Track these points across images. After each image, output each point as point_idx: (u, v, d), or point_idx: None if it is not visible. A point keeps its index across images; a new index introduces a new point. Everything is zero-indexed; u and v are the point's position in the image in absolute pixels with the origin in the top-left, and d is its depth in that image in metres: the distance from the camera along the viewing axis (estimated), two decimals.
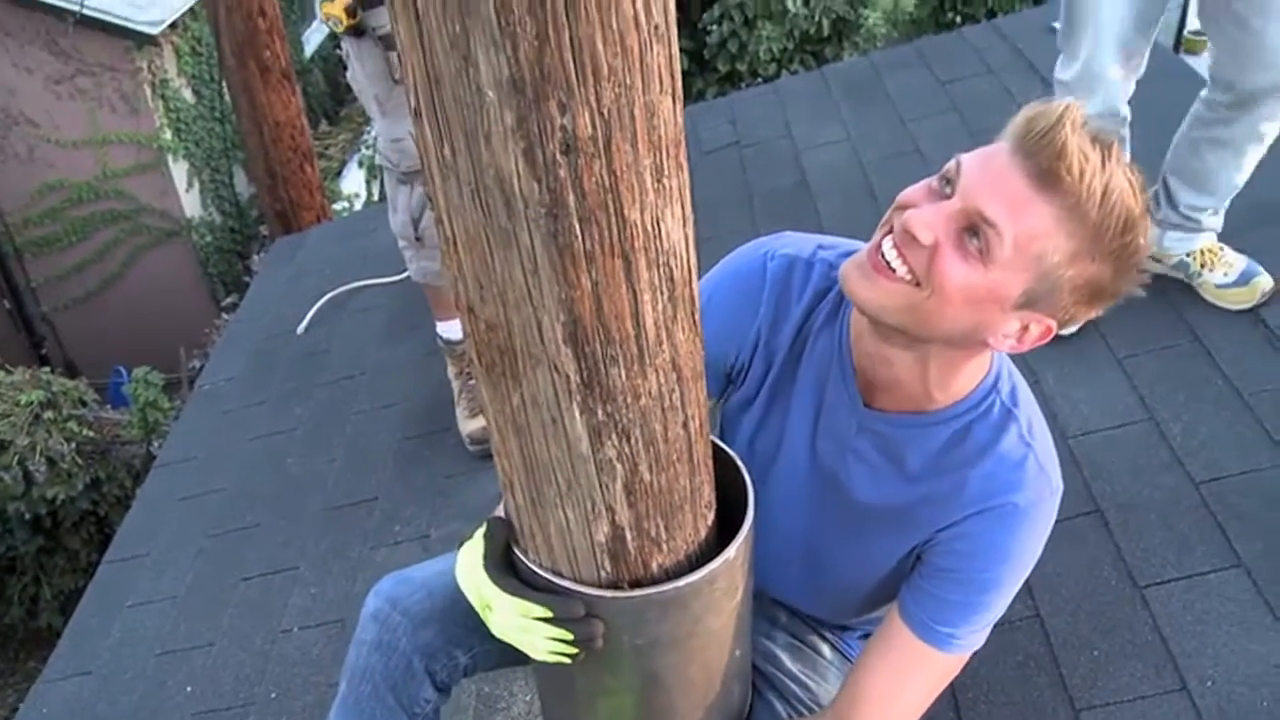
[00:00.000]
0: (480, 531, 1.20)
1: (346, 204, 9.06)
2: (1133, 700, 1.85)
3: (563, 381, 0.92)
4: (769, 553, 1.57)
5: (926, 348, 1.22)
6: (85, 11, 8.19)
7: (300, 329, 3.66)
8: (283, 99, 5.39)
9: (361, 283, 3.77)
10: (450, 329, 2.86)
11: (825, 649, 1.64)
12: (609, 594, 1.07)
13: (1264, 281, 2.53)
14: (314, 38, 12.56)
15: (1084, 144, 1.07)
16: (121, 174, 9.26)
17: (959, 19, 11.18)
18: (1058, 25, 3.98)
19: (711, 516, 1.14)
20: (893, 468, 1.34)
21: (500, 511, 1.17)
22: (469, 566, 1.21)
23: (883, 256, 1.17)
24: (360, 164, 10.15)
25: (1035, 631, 1.98)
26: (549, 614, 1.10)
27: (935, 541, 1.33)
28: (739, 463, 1.19)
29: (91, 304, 9.76)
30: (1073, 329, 2.44)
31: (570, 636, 1.10)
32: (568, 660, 1.12)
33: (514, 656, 1.37)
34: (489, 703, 2.18)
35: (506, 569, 1.16)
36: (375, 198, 8.53)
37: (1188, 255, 2.62)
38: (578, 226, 0.82)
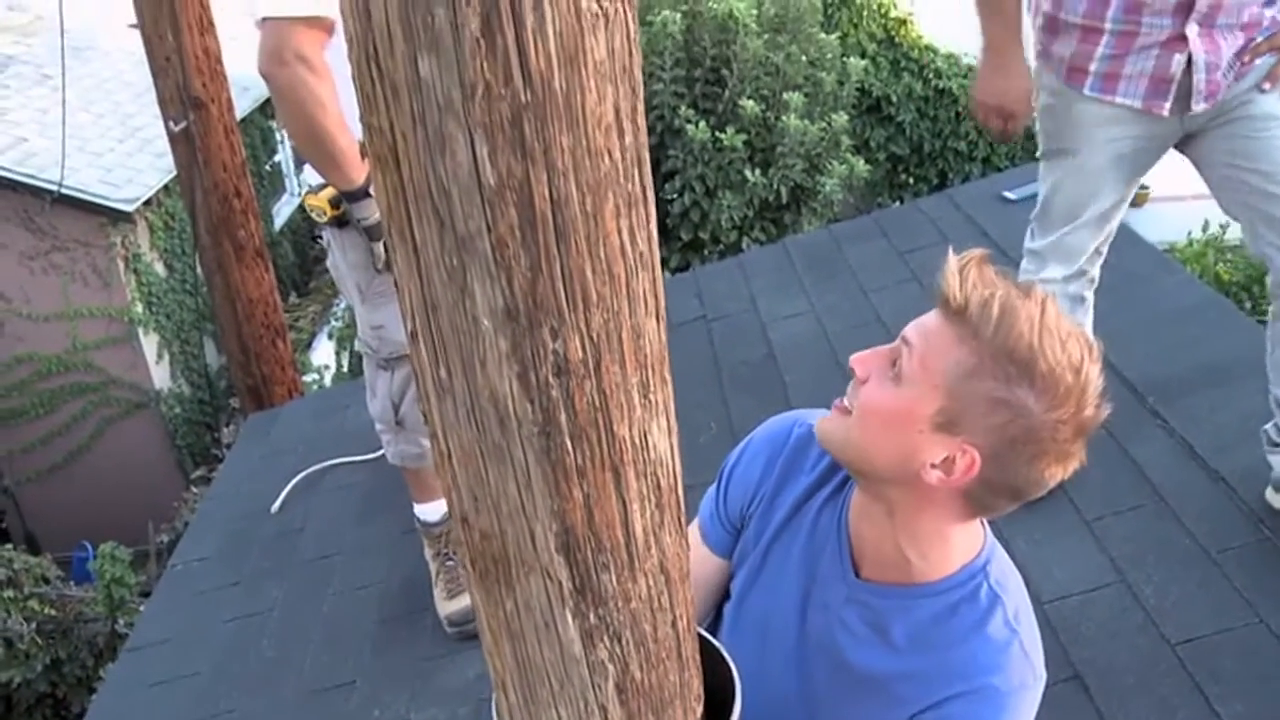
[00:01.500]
0: None
1: (317, 375, 9.09)
2: None
3: (555, 588, 0.94)
4: (761, 715, 1.57)
5: (888, 496, 1.28)
6: (64, 190, 8.33)
7: (274, 507, 3.64)
8: (256, 276, 5.48)
9: (336, 460, 3.78)
10: (428, 511, 2.85)
11: None
12: None
13: None
14: (284, 210, 12.79)
15: (981, 274, 1.17)
16: (92, 346, 9.28)
17: (912, 180, 11.58)
18: (1010, 195, 4.17)
19: (700, 708, 1.15)
20: (878, 638, 1.36)
21: (493, 707, 1.18)
22: None
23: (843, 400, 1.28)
24: (330, 335, 10.23)
25: None
26: None
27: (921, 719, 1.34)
28: (725, 655, 1.20)
29: (56, 477, 9.65)
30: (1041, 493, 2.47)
31: None
32: None
33: None
34: None
35: None
36: (346, 370, 8.58)
37: None
38: (569, 443, 0.86)
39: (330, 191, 2.45)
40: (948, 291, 1.17)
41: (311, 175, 2.56)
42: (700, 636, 1.17)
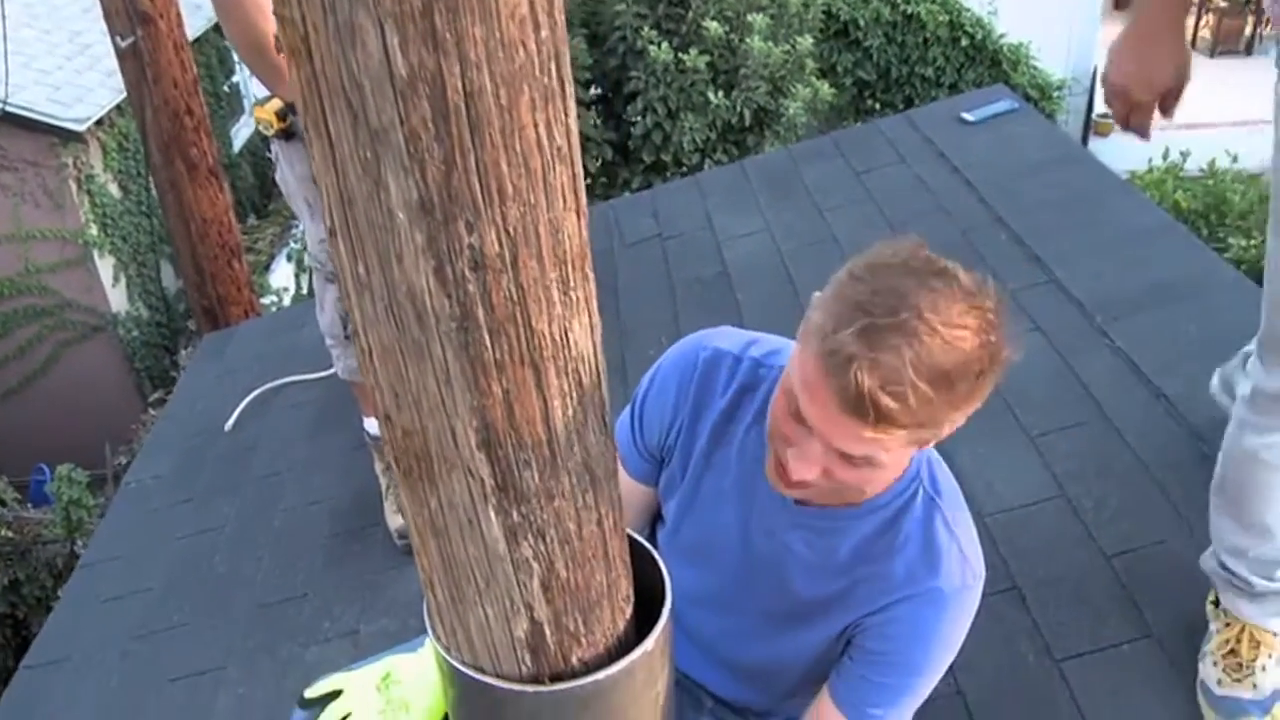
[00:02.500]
0: None
1: (275, 298, 9.03)
2: None
3: (477, 485, 0.95)
4: (698, 641, 1.61)
5: None
6: (9, 108, 8.16)
7: (228, 426, 3.64)
8: (210, 196, 5.41)
9: (289, 379, 3.77)
10: (376, 425, 2.86)
11: None
12: (530, 689, 1.09)
13: None
14: (243, 132, 12.59)
15: (888, 385, 1.09)
16: (45, 269, 9.17)
17: (878, 105, 11.53)
18: (968, 117, 4.16)
19: (630, 610, 1.17)
20: (825, 559, 1.39)
21: (423, 607, 1.19)
22: None
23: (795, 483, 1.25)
24: (289, 258, 10.13)
25: (957, 708, 2.02)
26: None
27: (864, 626, 1.37)
28: (656, 556, 1.22)
29: (12, 401, 9.58)
30: None
31: None
32: None
33: None
34: None
35: None
36: (305, 292, 8.51)
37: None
38: (488, 338, 0.86)
39: (276, 103, 2.41)
40: (872, 420, 1.11)
41: (260, 88, 2.52)
42: (631, 540, 1.19)
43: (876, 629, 1.37)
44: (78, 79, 9.21)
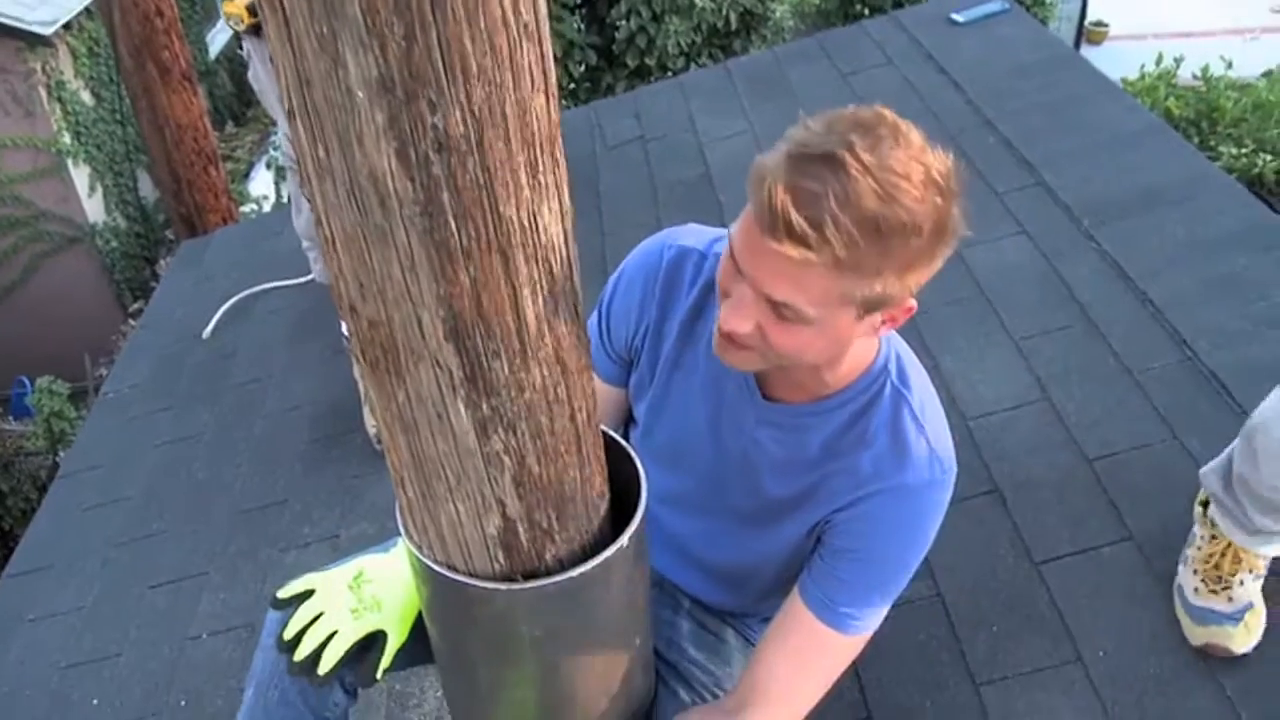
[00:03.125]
0: None
1: (255, 206, 8.92)
2: (1030, 673, 1.91)
3: (446, 377, 0.93)
4: (672, 543, 1.60)
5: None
6: None
7: (206, 333, 3.61)
8: (184, 101, 5.30)
9: (267, 285, 3.73)
10: None
11: (729, 634, 1.67)
12: (504, 586, 1.08)
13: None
14: (219, 38, 12.33)
15: (802, 208, 1.05)
16: (18, 179, 9.00)
17: (867, 10, 11.34)
18: (958, 18, 4.09)
19: (604, 507, 1.16)
20: (794, 455, 1.38)
21: (396, 507, 1.18)
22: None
23: (729, 337, 1.21)
24: (268, 165, 10.01)
25: (936, 610, 2.04)
26: None
27: (833, 522, 1.36)
28: (631, 453, 1.20)
29: None
30: None
31: None
32: None
33: (424, 655, 1.39)
34: (401, 700, 2.18)
35: None
36: (284, 200, 8.42)
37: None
38: (453, 223, 0.84)
39: None
40: (791, 240, 1.07)
41: None
42: (606, 437, 1.17)
43: (845, 525, 1.35)
44: None
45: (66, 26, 8.75)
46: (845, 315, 1.15)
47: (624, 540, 1.12)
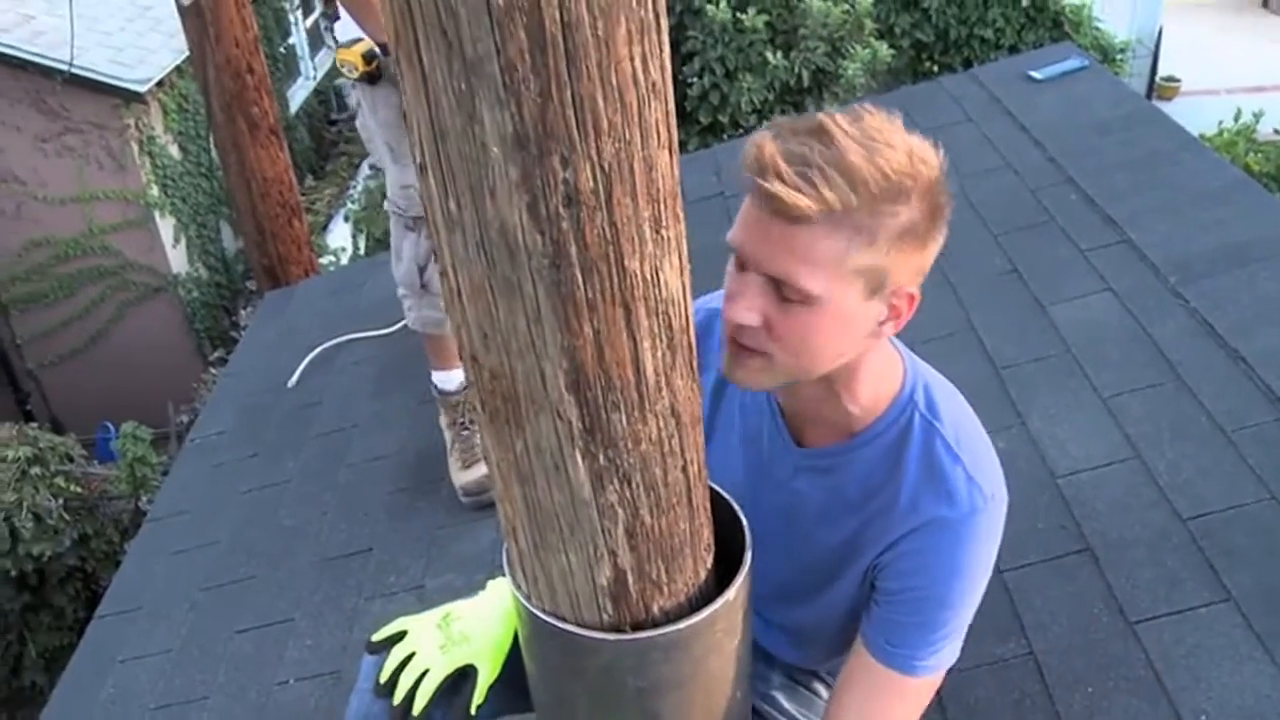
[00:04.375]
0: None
1: (333, 258, 9.09)
2: None
3: (565, 428, 0.94)
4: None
5: (827, 374, 1.25)
6: (74, 70, 8.24)
7: (291, 382, 3.66)
8: (271, 155, 5.44)
9: (352, 335, 3.78)
10: (446, 379, 2.86)
11: (821, 688, 1.65)
12: (612, 637, 1.08)
13: None
14: (299, 94, 12.66)
15: (792, 164, 1.08)
16: (108, 230, 9.27)
17: (936, 68, 11.35)
18: (1036, 75, 4.08)
19: (711, 559, 1.16)
20: (834, 500, 1.37)
21: (503, 554, 1.18)
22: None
23: (738, 343, 1.21)
24: (346, 218, 10.20)
25: (1030, 670, 1.99)
26: None
27: (881, 564, 1.34)
28: (734, 504, 1.20)
29: (78, 360, 9.74)
30: None
31: None
32: None
33: (523, 704, 1.39)
34: None
35: None
36: (362, 252, 8.56)
37: None
38: (580, 276, 0.85)
39: (363, 45, 2.41)
40: (778, 204, 1.09)
41: (342, 31, 2.51)
42: (710, 489, 1.17)
43: (892, 566, 1.32)
44: (139, 40, 9.27)
45: (159, 84, 9.03)
46: (851, 292, 1.14)
47: (731, 593, 1.12)
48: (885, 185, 1.09)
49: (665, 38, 0.84)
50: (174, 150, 9.53)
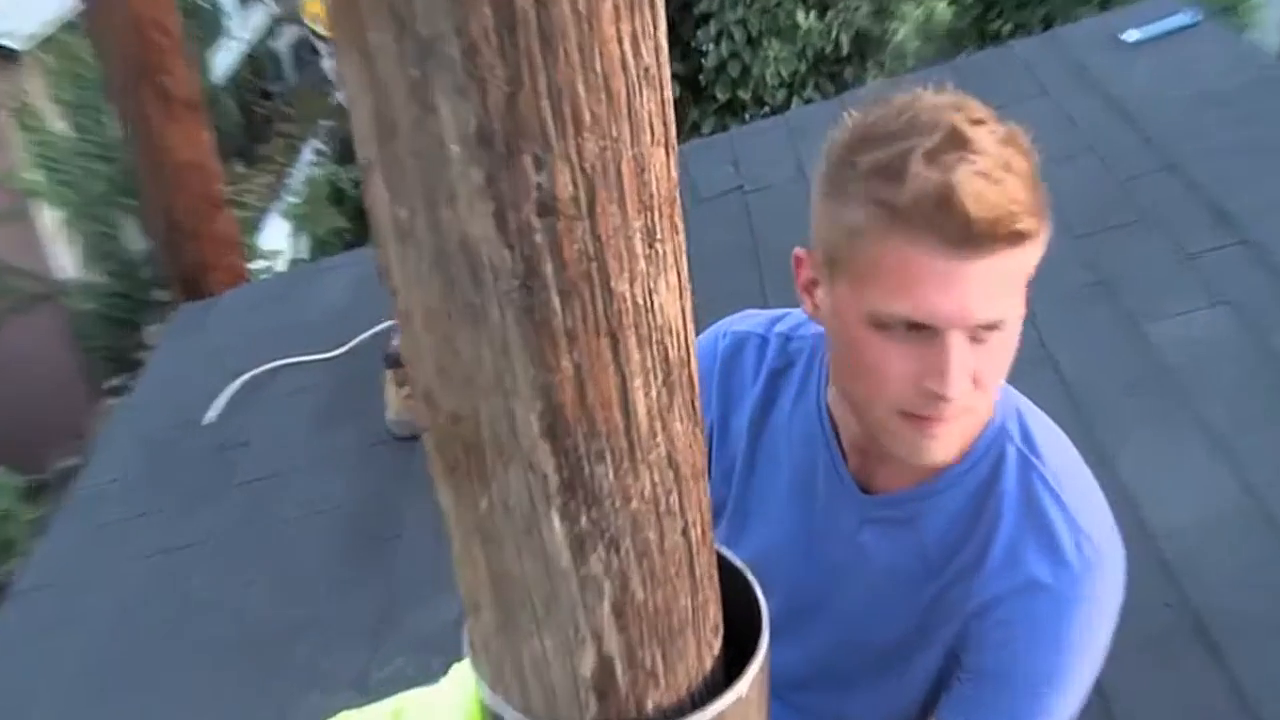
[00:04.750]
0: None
1: (266, 263, 9.10)
2: None
3: (539, 483, 0.95)
4: (785, 696, 1.60)
5: None
6: None
7: (209, 417, 3.68)
8: (187, 133, 5.41)
9: (288, 360, 3.79)
10: None
11: None
12: None
13: None
14: (224, 59, 12.65)
15: (988, 182, 1.09)
16: None
17: (1008, 27, 11.38)
18: (1128, 37, 4.10)
19: (718, 644, 1.17)
20: (910, 559, 1.37)
21: (464, 634, 1.20)
22: None
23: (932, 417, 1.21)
24: (285, 215, 10.19)
25: None
26: None
27: (968, 634, 1.35)
28: (748, 575, 1.22)
29: None
30: None
31: None
32: None
33: None
34: None
35: None
36: (304, 255, 8.57)
37: None
38: (556, 300, 0.87)
39: None
40: (991, 244, 1.10)
41: None
42: (718, 555, 1.19)
43: (981, 637, 1.33)
44: None
45: (43, 41, 9.00)
46: (1021, 301, 1.18)
47: (742, 687, 1.13)
48: (1035, 172, 1.12)
49: (660, 17, 0.86)
50: (60, 124, 9.50)
